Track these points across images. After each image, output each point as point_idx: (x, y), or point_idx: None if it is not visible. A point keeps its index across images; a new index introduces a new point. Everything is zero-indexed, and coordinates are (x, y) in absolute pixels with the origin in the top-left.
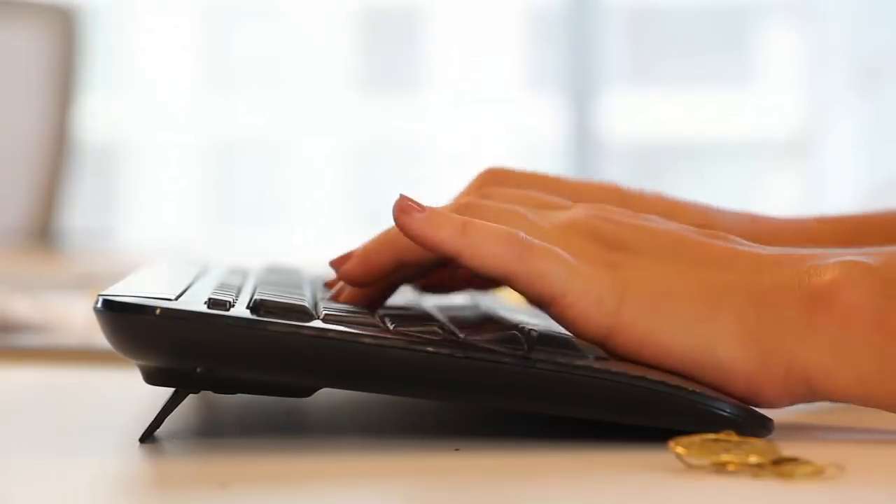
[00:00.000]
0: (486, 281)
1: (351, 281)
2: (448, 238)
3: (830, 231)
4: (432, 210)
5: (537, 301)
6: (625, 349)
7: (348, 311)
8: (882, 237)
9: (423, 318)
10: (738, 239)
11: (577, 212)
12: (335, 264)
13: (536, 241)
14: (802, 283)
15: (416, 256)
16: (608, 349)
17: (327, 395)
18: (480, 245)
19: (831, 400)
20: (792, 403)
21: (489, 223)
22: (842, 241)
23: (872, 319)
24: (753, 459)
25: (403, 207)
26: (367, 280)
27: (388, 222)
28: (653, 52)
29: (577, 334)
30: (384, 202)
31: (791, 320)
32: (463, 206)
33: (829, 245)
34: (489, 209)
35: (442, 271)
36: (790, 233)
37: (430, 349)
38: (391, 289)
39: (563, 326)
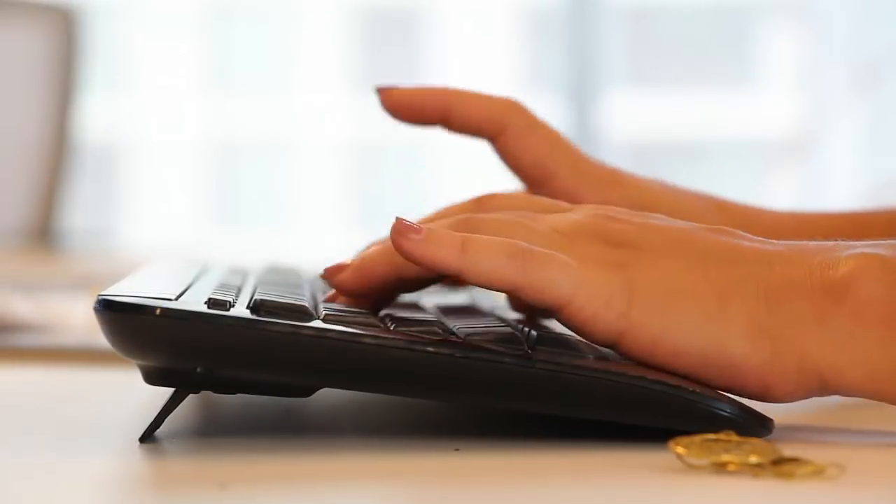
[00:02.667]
0: None
1: (346, 292)
2: (448, 258)
3: (830, 225)
4: (430, 231)
5: (546, 308)
6: (637, 351)
7: (348, 311)
8: (883, 232)
9: (423, 318)
10: (743, 234)
11: (579, 213)
12: (329, 275)
13: (538, 248)
14: (814, 278)
15: (416, 271)
16: (620, 351)
17: (327, 395)
18: (481, 262)
19: (843, 395)
20: (805, 398)
21: (489, 237)
22: (842, 236)
23: (886, 314)
24: (753, 459)
25: (400, 230)
26: (363, 292)
27: (388, 223)
28: (653, 52)
29: (587, 338)
30: (384, 203)
31: (802, 315)
32: (462, 222)
33: (830, 239)
34: (488, 222)
35: None
36: (790, 226)
37: (430, 349)
38: (388, 299)
39: (573, 331)
